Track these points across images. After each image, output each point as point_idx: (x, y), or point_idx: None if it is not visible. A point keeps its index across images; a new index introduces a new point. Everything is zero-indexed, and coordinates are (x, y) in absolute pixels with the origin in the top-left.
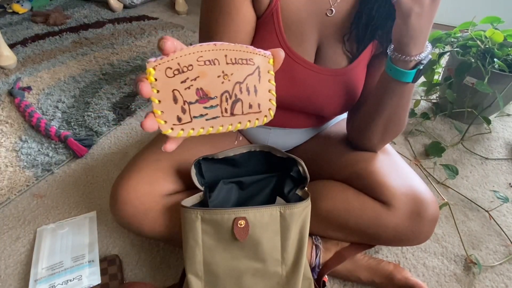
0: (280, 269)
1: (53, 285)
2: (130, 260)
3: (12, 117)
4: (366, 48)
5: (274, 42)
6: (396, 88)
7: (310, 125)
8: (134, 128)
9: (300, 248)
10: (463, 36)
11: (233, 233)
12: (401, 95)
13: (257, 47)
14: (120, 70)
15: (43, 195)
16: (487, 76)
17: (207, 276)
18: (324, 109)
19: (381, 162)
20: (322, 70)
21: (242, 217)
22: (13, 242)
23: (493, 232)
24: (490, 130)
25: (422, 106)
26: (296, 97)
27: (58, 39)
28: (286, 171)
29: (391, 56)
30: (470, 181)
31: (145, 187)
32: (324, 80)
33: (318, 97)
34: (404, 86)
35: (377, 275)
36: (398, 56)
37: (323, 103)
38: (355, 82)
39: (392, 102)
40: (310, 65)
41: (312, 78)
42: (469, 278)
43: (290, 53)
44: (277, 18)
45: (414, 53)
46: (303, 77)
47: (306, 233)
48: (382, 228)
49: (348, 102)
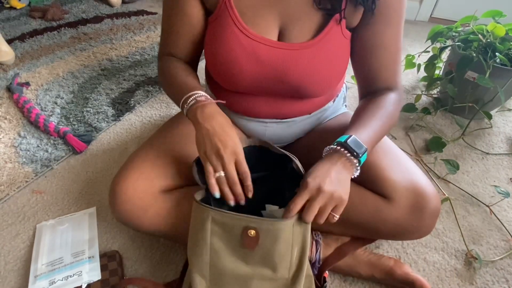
0: (287, 274)
1: (53, 281)
2: (130, 256)
3: (11, 113)
4: (334, 16)
5: (234, 30)
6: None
7: (302, 112)
8: (133, 124)
9: (303, 248)
10: (465, 30)
11: (242, 241)
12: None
13: (218, 40)
14: (119, 66)
15: (42, 191)
16: (488, 70)
17: (213, 276)
18: (302, 87)
19: (382, 155)
20: (286, 46)
21: (253, 227)
22: (12, 238)
23: (494, 227)
24: (491, 125)
25: (423, 101)
26: (267, 78)
27: (56, 35)
28: (283, 169)
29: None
30: (471, 176)
31: (144, 183)
32: (291, 55)
33: (291, 75)
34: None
35: (377, 270)
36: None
37: (299, 81)
38: (330, 53)
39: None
40: (273, 42)
41: (278, 55)
42: (470, 273)
43: (250, 35)
44: (231, 8)
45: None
46: (268, 56)
47: (308, 234)
48: (383, 222)
49: (328, 77)
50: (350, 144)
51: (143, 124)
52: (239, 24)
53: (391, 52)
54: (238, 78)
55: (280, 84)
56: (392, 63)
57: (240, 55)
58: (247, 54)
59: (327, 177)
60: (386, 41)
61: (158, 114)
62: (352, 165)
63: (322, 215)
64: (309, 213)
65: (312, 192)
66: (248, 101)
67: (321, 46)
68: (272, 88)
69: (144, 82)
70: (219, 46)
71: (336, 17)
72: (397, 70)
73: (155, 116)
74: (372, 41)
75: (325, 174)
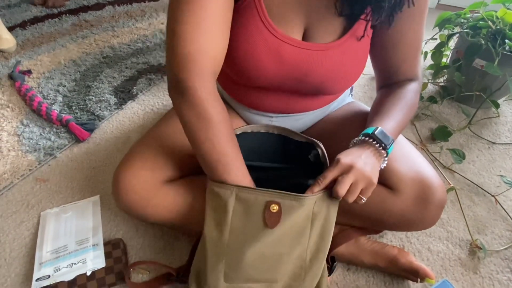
0: (305, 254)
1: (58, 268)
2: (134, 243)
3: (13, 101)
4: (360, 19)
5: (258, 25)
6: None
7: (312, 108)
8: (136, 113)
9: (326, 227)
10: (473, 17)
11: (264, 218)
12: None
13: (241, 32)
14: (121, 53)
15: (46, 179)
16: (497, 58)
17: (229, 258)
18: (323, 87)
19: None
20: (311, 46)
21: (277, 201)
22: (17, 226)
23: (499, 217)
24: (498, 114)
25: (429, 90)
26: (288, 77)
27: (57, 22)
28: (302, 161)
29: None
30: (476, 165)
31: (147, 173)
32: (316, 56)
33: (312, 75)
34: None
35: (381, 259)
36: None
37: (320, 81)
38: (352, 55)
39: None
40: (298, 42)
41: (302, 55)
42: (474, 263)
43: (275, 33)
44: (259, 1)
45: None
46: (292, 56)
47: (335, 212)
48: (388, 213)
49: (350, 75)
50: (378, 136)
51: (145, 112)
52: (264, 19)
53: (413, 47)
54: (256, 75)
55: (299, 84)
56: (414, 57)
57: (262, 51)
58: (269, 52)
59: (358, 157)
60: (409, 37)
61: (160, 102)
62: (381, 155)
63: (353, 193)
64: (341, 186)
65: (344, 167)
66: (257, 95)
67: (346, 46)
68: (290, 86)
69: (146, 70)
70: (241, 39)
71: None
72: (418, 62)
73: (158, 104)
74: (395, 38)
75: (357, 155)
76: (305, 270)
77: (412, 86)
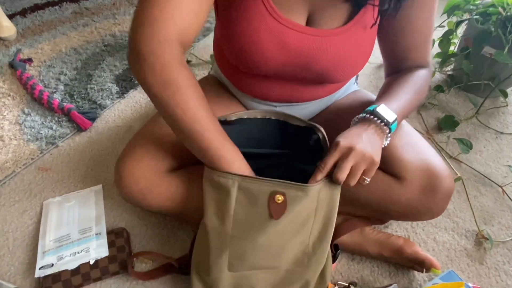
0: (308, 240)
1: (61, 256)
2: (137, 233)
3: (14, 90)
4: (367, 3)
5: (261, 10)
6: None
7: (317, 97)
8: (138, 101)
9: (329, 214)
10: (483, 3)
11: (269, 208)
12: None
13: (243, 17)
14: (122, 42)
15: (48, 168)
16: (507, 45)
17: (233, 249)
18: (328, 75)
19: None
20: (316, 32)
21: (281, 191)
22: (20, 215)
23: (506, 208)
24: (507, 104)
25: (436, 79)
26: (292, 64)
27: (58, 9)
28: (302, 145)
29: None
30: (483, 155)
31: (149, 163)
32: (320, 42)
33: (317, 63)
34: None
35: (386, 249)
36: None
37: (325, 68)
38: (358, 42)
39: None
40: (301, 28)
41: (306, 41)
42: (480, 253)
43: (279, 18)
44: None
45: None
46: (296, 42)
47: (338, 198)
48: (394, 202)
49: (355, 63)
50: (380, 112)
51: (147, 101)
52: (267, 4)
53: (424, 34)
54: (259, 61)
55: (303, 71)
56: (424, 44)
57: (265, 37)
58: (272, 38)
59: (358, 138)
60: (419, 24)
61: None
62: (383, 132)
63: (354, 176)
64: (341, 172)
65: (343, 150)
66: (261, 84)
67: (351, 33)
68: (294, 74)
69: None
70: (243, 24)
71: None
72: (428, 50)
73: None
74: (404, 24)
75: (356, 136)
76: (308, 256)
77: (422, 72)
